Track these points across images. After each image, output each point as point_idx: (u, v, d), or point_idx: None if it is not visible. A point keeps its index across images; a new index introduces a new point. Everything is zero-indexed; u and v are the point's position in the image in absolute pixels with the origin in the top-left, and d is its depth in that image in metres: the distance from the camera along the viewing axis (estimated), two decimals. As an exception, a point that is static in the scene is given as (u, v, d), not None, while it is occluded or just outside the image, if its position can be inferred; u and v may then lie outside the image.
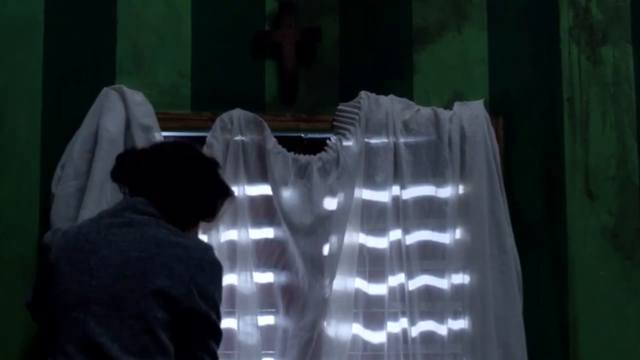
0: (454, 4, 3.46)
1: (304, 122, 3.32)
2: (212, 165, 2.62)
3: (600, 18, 3.49)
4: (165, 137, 3.18)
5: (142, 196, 2.46)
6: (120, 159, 2.57)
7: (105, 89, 3.21)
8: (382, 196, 3.25)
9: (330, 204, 3.22)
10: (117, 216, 2.42)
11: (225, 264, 3.00)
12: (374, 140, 3.27)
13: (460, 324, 3.23)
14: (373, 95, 3.30)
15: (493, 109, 3.37)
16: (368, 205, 3.24)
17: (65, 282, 2.35)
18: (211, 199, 2.58)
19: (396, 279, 3.21)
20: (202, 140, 3.21)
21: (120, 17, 3.33)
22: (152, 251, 2.35)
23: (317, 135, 3.33)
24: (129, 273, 2.33)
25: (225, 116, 3.23)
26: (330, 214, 3.19)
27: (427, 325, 3.22)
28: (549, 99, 3.44)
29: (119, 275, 2.32)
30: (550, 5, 3.48)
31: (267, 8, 3.38)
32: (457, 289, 3.23)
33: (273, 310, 3.22)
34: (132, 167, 2.52)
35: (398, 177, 3.24)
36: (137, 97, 3.20)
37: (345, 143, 3.25)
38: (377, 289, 3.24)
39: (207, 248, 2.46)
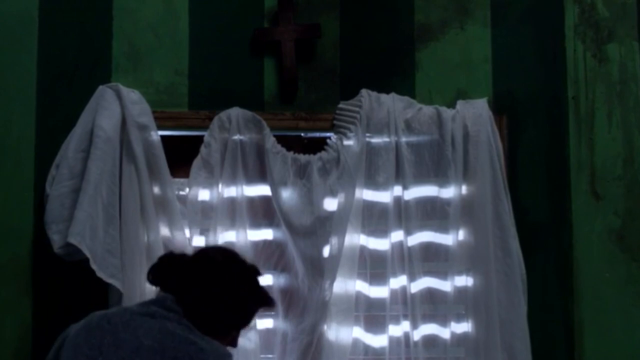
0: (457, 1, 3.44)
1: (303, 121, 3.31)
2: (254, 273, 2.59)
3: (606, 15, 3.46)
4: (161, 136, 3.17)
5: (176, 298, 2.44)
6: (162, 261, 2.55)
7: (100, 87, 3.18)
8: (383, 197, 3.24)
9: (330, 204, 3.20)
10: (143, 306, 2.44)
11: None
12: (375, 140, 3.26)
13: (463, 327, 3.22)
14: (374, 94, 3.29)
15: (497, 108, 3.36)
16: (369, 205, 3.24)
17: (75, 355, 2.35)
18: (250, 309, 2.56)
19: (398, 282, 3.20)
20: (199, 140, 3.20)
21: (116, 14, 3.31)
22: (166, 344, 2.32)
23: (317, 135, 3.32)
24: None
25: (223, 115, 3.21)
26: (331, 214, 3.17)
27: (429, 328, 3.21)
28: (553, 98, 3.42)
29: (126, 359, 2.31)
30: (555, 2, 3.46)
31: (266, 5, 3.36)
32: (460, 292, 3.22)
33: (272, 313, 3.18)
34: (173, 270, 2.50)
35: (400, 177, 3.23)
36: (133, 96, 3.18)
37: (345, 142, 3.24)
38: (378, 292, 3.22)
39: (224, 355, 2.40)
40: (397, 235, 3.22)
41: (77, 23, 3.29)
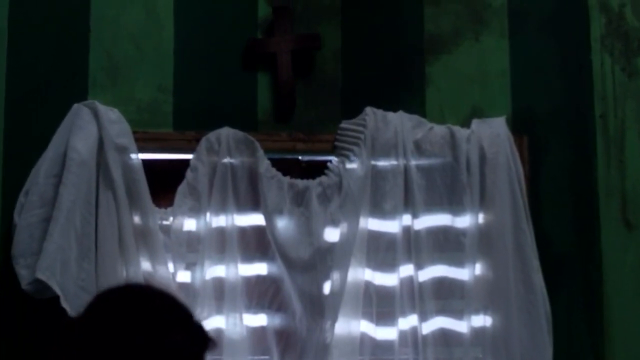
0: (471, 9, 3.37)
1: (301, 143, 3.23)
2: (185, 316, 2.01)
3: (635, 25, 3.39)
4: (143, 159, 3.10)
5: None
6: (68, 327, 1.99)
7: (76, 105, 3.09)
8: (391, 226, 3.14)
9: (331, 235, 3.11)
10: None
11: (211, 304, 3.05)
12: (381, 163, 3.18)
13: (481, 372, 3.18)
14: (380, 112, 3.20)
15: (516, 127, 3.28)
16: (375, 236, 3.14)
17: None
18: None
19: (408, 322, 3.11)
20: (185, 163, 3.13)
21: (94, 24, 3.22)
22: None
23: (317, 157, 3.25)
24: None
25: (211, 136, 3.13)
26: (332, 246, 3.09)
27: (443, 374, 3.16)
28: (579, 116, 3.35)
29: None
30: (579, 11, 3.39)
31: (260, 13, 3.29)
32: (478, 333, 3.13)
33: (266, 357, 3.11)
34: (73, 340, 1.93)
35: (409, 204, 3.15)
36: (111, 115, 3.09)
37: (348, 166, 3.15)
38: (385, 333, 3.13)
39: None
40: (407, 270, 3.12)
41: (51, 34, 3.20)
